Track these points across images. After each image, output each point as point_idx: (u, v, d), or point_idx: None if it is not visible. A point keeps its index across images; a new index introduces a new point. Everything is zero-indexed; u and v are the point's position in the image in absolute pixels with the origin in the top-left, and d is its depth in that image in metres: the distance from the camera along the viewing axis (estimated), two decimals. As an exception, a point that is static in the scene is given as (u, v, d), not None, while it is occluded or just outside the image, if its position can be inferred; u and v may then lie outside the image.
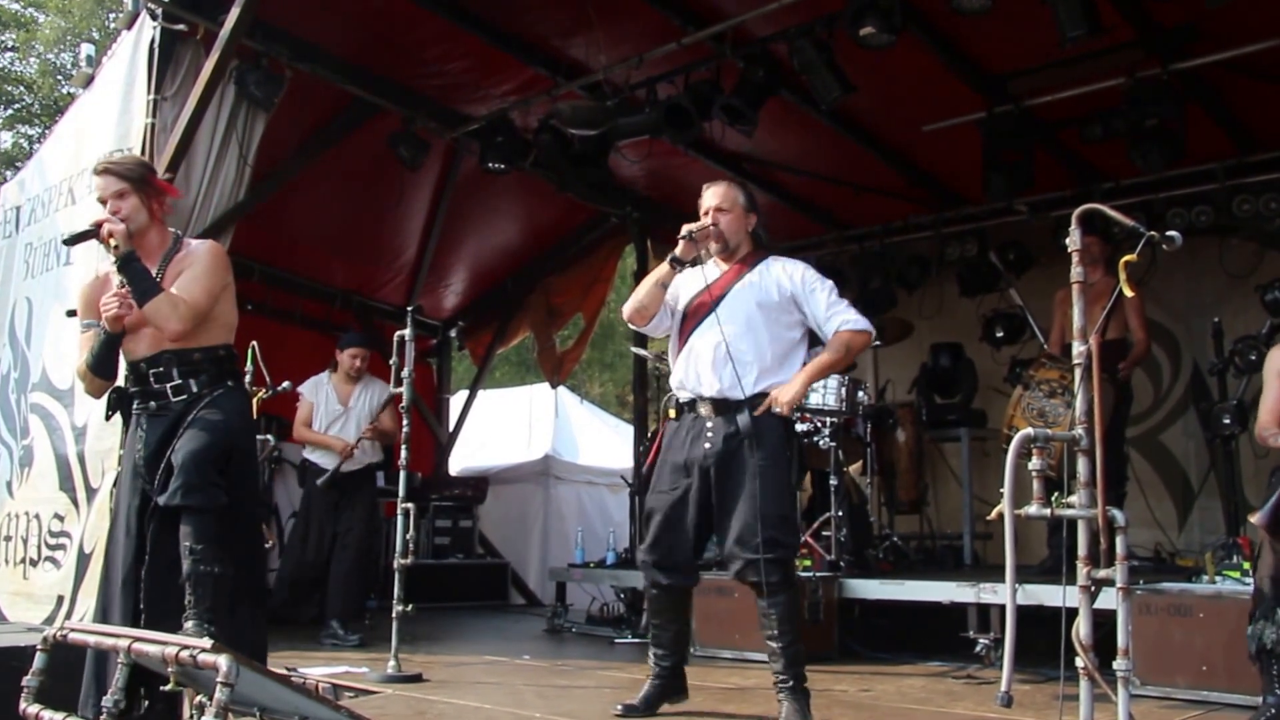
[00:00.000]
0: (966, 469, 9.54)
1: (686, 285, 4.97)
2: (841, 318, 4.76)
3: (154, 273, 4.50)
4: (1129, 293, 3.87)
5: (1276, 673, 4.49)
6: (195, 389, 4.49)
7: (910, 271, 10.85)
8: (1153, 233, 3.88)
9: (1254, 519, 4.61)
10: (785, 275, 4.88)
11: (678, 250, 4.80)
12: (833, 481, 7.82)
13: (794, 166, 10.08)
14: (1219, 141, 8.72)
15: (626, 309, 5.00)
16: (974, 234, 10.36)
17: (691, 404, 4.83)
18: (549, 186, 9.59)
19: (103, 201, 4.55)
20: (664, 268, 4.87)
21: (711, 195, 4.99)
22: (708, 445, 4.70)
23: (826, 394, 8.05)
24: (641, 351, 9.96)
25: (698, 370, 4.81)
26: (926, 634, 7.19)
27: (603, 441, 13.19)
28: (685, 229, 4.79)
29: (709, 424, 4.73)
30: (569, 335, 13.21)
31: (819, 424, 8.21)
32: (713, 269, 4.96)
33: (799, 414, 8.19)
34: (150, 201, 4.62)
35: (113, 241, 4.39)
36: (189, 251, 4.67)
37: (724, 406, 4.71)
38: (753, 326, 4.77)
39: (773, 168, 10.16)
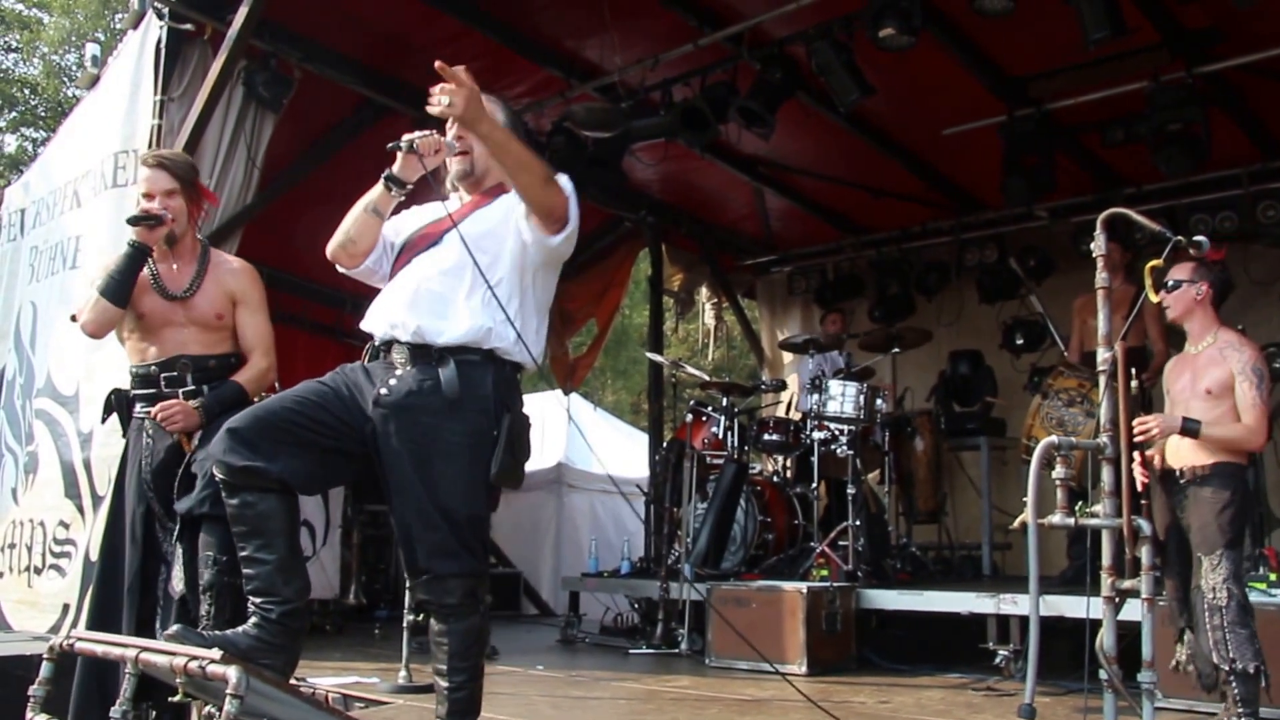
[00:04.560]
0: (986, 478, 9.44)
1: (414, 219, 3.75)
2: None
3: (189, 280, 4.43)
4: (1155, 298, 3.79)
5: (1238, 695, 4.40)
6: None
7: (929, 278, 10.79)
8: (1180, 237, 3.79)
9: None
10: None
11: (395, 166, 3.57)
12: (850, 490, 7.74)
13: (811, 170, 10.01)
14: (1243, 146, 8.61)
15: (330, 245, 3.70)
16: (993, 239, 10.32)
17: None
18: (562, 190, 9.49)
19: (149, 196, 4.36)
20: (378, 189, 3.60)
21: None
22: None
23: (845, 402, 7.96)
24: (657, 358, 9.88)
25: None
26: (945, 645, 7.10)
27: (616, 449, 13.07)
28: (406, 137, 3.54)
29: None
30: (582, 341, 13.12)
31: (837, 432, 8.12)
32: (453, 201, 3.74)
33: (816, 421, 8.11)
34: (192, 206, 4.52)
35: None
36: (225, 267, 4.58)
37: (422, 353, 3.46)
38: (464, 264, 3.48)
39: (789, 171, 10.11)
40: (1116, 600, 3.53)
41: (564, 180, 3.48)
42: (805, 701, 5.72)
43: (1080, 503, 3.66)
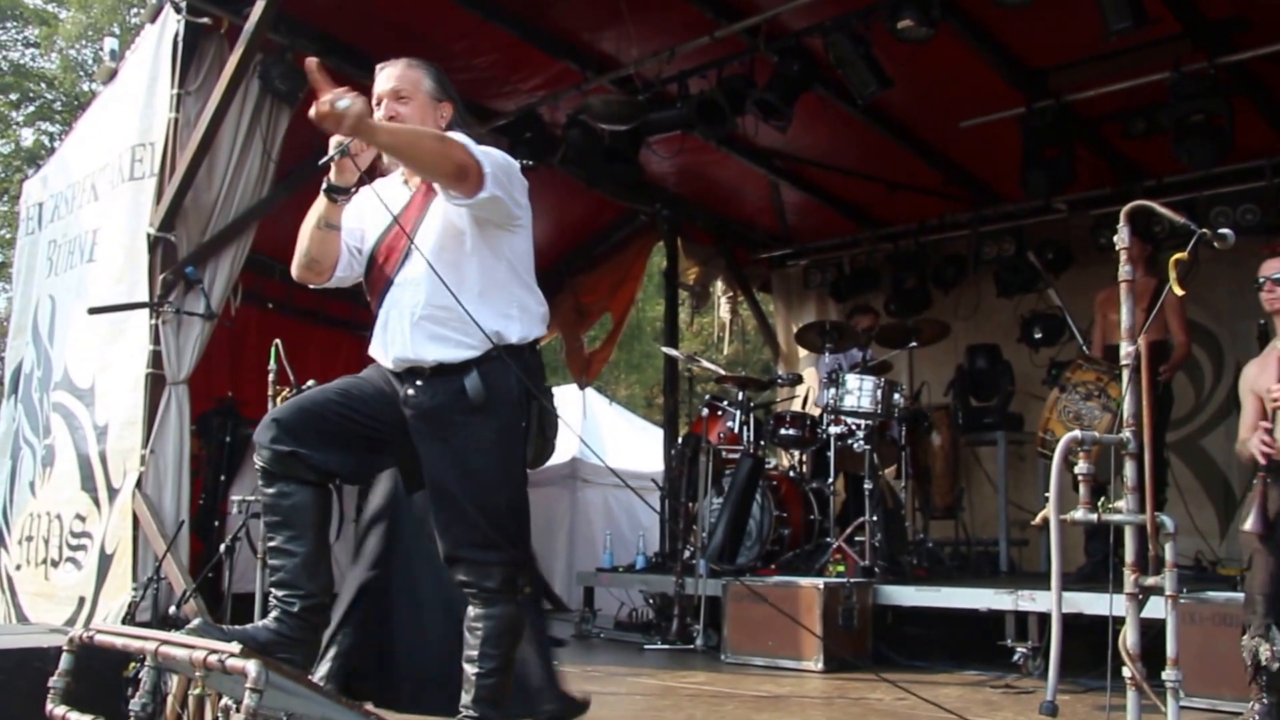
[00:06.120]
0: (1002, 473, 9.38)
1: (374, 216, 3.60)
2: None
3: None
4: (1179, 291, 3.74)
5: (1265, 682, 4.51)
6: None
7: (946, 271, 10.74)
8: (1205, 230, 3.74)
9: (1245, 527, 4.57)
10: None
11: (331, 175, 3.44)
12: (867, 485, 7.70)
13: (828, 163, 9.96)
14: (1267, 137, 8.49)
15: (294, 269, 3.66)
16: (1012, 233, 10.24)
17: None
18: (577, 183, 9.45)
19: None
20: (323, 202, 3.49)
21: (383, 79, 3.57)
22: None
23: (862, 396, 7.92)
24: (672, 351, 9.83)
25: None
26: (961, 642, 7.05)
27: (631, 443, 13.04)
28: (334, 143, 3.38)
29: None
30: (597, 335, 13.09)
31: (853, 426, 8.08)
32: (400, 188, 3.62)
33: (833, 416, 8.07)
34: None
35: None
36: None
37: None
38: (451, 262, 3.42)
39: (806, 164, 10.05)
40: (1140, 597, 3.48)
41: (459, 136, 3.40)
42: (823, 698, 5.71)
43: (1102, 498, 3.61)
